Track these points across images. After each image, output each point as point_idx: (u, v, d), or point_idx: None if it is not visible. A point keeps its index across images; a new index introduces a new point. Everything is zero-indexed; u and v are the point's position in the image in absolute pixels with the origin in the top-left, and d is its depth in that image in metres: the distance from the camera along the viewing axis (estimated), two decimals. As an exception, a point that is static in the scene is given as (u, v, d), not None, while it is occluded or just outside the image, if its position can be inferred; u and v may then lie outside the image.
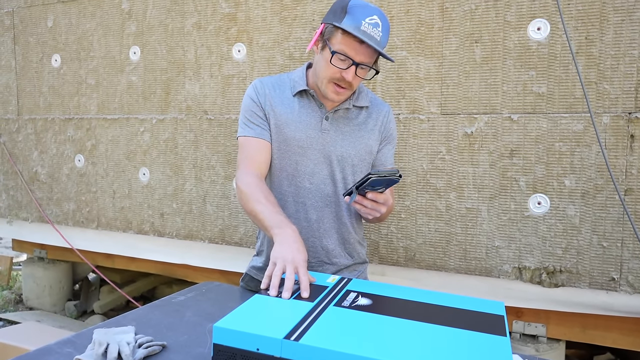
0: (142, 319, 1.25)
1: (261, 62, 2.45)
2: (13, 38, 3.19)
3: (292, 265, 1.14)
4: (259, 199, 1.33)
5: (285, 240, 1.21)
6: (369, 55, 1.34)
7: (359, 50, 1.32)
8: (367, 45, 1.31)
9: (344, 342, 0.85)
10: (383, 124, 1.53)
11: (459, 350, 0.85)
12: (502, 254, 2.05)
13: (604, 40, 1.87)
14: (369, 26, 1.30)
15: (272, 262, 1.16)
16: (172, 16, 2.66)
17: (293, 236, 1.22)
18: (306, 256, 1.20)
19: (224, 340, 0.89)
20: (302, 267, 1.15)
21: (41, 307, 3.44)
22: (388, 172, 1.20)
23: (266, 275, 1.14)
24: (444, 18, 2.08)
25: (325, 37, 1.37)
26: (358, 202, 1.28)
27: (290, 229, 1.24)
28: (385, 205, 1.30)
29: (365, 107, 1.52)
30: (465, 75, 2.07)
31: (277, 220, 1.27)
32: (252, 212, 1.35)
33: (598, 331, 2.04)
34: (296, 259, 1.16)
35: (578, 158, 1.92)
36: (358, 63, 1.34)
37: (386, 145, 1.56)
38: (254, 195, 1.35)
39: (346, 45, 1.32)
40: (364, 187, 1.24)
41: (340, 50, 1.33)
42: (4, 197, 3.31)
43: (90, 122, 2.95)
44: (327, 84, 1.39)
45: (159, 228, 2.78)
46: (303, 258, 1.17)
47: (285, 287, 1.09)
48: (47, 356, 1.03)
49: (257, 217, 1.32)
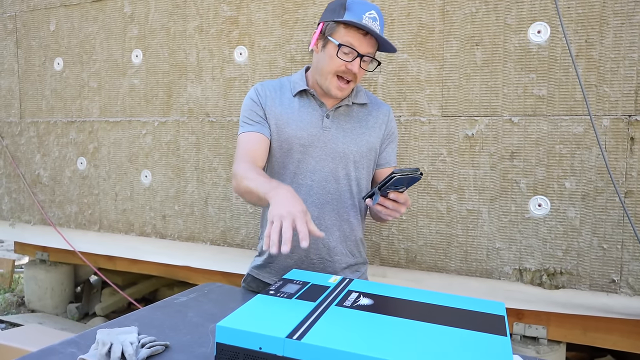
0: (144, 320, 1.26)
1: (263, 65, 2.46)
2: (16, 41, 3.21)
3: (289, 218, 1.09)
4: (252, 177, 1.32)
5: (280, 197, 1.17)
6: (372, 46, 1.40)
7: (363, 41, 1.37)
8: (370, 36, 1.37)
9: (346, 341, 0.86)
10: (385, 123, 1.56)
11: (460, 350, 0.86)
12: (503, 255, 2.06)
13: (604, 43, 1.88)
14: (369, 20, 1.36)
15: (270, 221, 1.11)
16: (174, 19, 2.67)
17: (288, 193, 1.19)
18: (304, 208, 1.15)
19: (227, 340, 0.89)
20: (300, 218, 1.10)
21: (43, 310, 3.45)
22: (410, 170, 1.20)
23: (265, 235, 1.10)
24: (444, 21, 2.10)
25: (327, 34, 1.41)
26: (380, 203, 1.27)
27: (284, 189, 1.21)
28: (406, 205, 1.31)
29: (365, 105, 1.55)
30: (466, 78, 2.08)
31: (270, 185, 1.25)
32: (245, 189, 1.33)
33: (598, 333, 2.04)
34: (292, 211, 1.11)
35: (578, 160, 1.93)
36: (363, 54, 1.38)
37: (389, 144, 1.59)
38: (245, 174, 1.34)
39: (351, 37, 1.37)
40: (387, 187, 1.24)
41: (346, 42, 1.37)
42: (7, 199, 3.32)
43: (92, 125, 2.96)
44: (332, 78, 1.42)
45: (161, 230, 2.79)
46: (300, 209, 1.12)
47: (284, 239, 1.06)
48: (50, 356, 1.03)
49: (251, 191, 1.30)
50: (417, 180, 1.25)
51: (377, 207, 1.29)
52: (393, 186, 1.24)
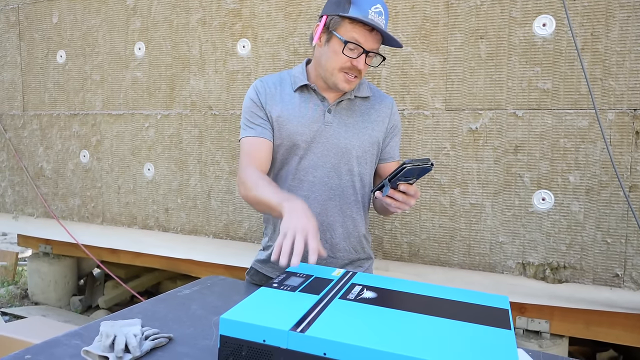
0: (148, 312, 1.26)
1: (266, 58, 2.45)
2: (18, 34, 3.20)
3: (302, 233, 1.11)
4: (261, 185, 1.32)
5: (294, 210, 1.18)
6: (377, 42, 1.38)
7: (369, 38, 1.35)
8: (376, 32, 1.35)
9: (349, 333, 0.86)
10: (388, 116, 1.53)
11: (464, 343, 0.86)
12: (506, 249, 2.05)
13: (609, 37, 1.86)
14: (375, 14, 1.33)
15: (282, 233, 1.13)
16: (177, 12, 2.66)
17: (302, 207, 1.20)
18: (316, 225, 1.17)
19: (230, 332, 0.89)
20: (312, 234, 1.12)
21: (46, 302, 3.47)
22: (421, 160, 1.18)
23: (276, 245, 1.11)
24: (449, 14, 2.08)
25: (331, 28, 1.37)
26: (390, 195, 1.25)
27: (298, 201, 1.22)
28: (415, 197, 1.28)
29: (367, 98, 1.52)
30: (470, 71, 2.07)
31: (283, 196, 1.26)
32: (255, 198, 1.34)
33: (601, 327, 2.04)
34: (306, 226, 1.13)
35: (583, 154, 1.92)
36: (368, 51, 1.36)
37: (393, 138, 1.56)
38: (255, 182, 1.34)
39: (357, 33, 1.34)
40: (398, 179, 1.22)
41: (352, 39, 1.34)
42: (10, 192, 3.33)
43: (95, 118, 2.96)
44: (337, 74, 1.40)
45: (164, 223, 2.79)
46: (313, 225, 1.15)
47: (295, 251, 1.07)
48: (55, 348, 1.04)
49: (262, 201, 1.30)
50: (428, 171, 1.22)
51: (387, 200, 1.27)
52: (403, 177, 1.21)
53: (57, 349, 1.03)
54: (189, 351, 1.05)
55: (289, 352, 0.85)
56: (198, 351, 1.05)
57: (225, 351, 0.90)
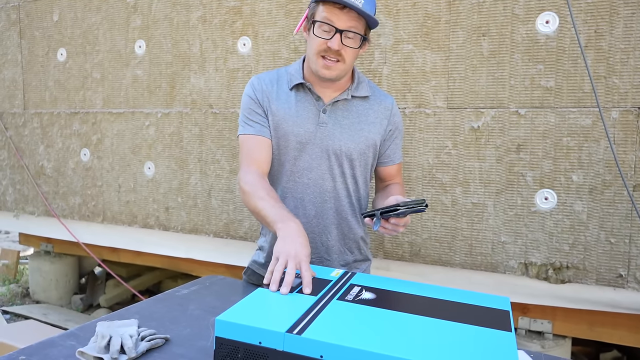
0: (145, 312, 1.25)
1: (266, 56, 2.43)
2: (19, 32, 3.19)
3: (294, 260, 1.12)
4: (261, 196, 1.32)
5: (289, 234, 1.19)
6: (352, 20, 1.33)
7: (340, 16, 1.32)
8: (349, 10, 1.31)
9: (346, 336, 0.84)
10: (387, 118, 1.50)
11: (463, 346, 0.84)
12: (508, 249, 2.03)
13: (613, 34, 1.84)
14: None
15: (275, 257, 1.14)
16: (177, 10, 2.65)
17: (297, 230, 1.20)
18: (309, 251, 1.18)
19: (226, 334, 0.88)
20: (305, 263, 1.12)
21: (47, 301, 3.47)
22: (416, 202, 1.20)
23: (269, 271, 1.12)
24: (451, 11, 2.06)
25: (310, 17, 1.38)
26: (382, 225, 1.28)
27: (294, 223, 1.22)
28: (405, 226, 1.30)
29: (366, 98, 1.48)
30: (472, 69, 2.05)
31: (280, 214, 1.26)
32: (254, 209, 1.34)
33: (605, 328, 2.02)
34: (299, 254, 1.13)
35: (586, 153, 1.90)
36: (342, 30, 1.32)
37: (394, 140, 1.53)
38: (256, 192, 1.34)
39: (327, 13, 1.32)
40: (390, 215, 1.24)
41: (323, 19, 1.33)
42: (11, 191, 3.32)
43: (95, 116, 2.95)
44: (317, 59, 1.37)
45: (164, 222, 2.79)
46: (306, 253, 1.15)
47: (285, 282, 1.07)
48: (50, 349, 1.03)
49: (260, 213, 1.31)
50: (422, 211, 1.24)
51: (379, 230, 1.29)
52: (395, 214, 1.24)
53: (52, 349, 1.02)
54: (185, 352, 1.04)
55: (285, 355, 0.84)
56: (195, 352, 1.04)
57: (220, 353, 0.89)
